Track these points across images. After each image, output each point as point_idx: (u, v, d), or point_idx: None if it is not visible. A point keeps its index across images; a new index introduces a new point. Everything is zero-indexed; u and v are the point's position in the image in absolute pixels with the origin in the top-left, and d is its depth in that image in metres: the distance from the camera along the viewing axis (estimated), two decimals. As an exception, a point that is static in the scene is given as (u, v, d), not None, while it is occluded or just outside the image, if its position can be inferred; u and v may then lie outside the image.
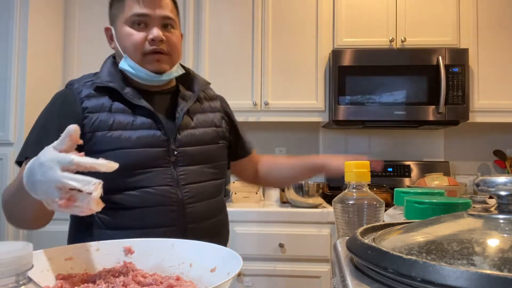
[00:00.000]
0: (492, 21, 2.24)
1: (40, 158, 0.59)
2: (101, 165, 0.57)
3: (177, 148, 0.99)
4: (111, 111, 0.97)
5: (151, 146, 0.96)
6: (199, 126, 1.06)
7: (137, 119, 0.97)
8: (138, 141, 0.95)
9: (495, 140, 2.54)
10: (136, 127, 0.97)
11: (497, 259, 0.29)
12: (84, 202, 0.55)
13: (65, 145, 0.59)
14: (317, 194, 2.05)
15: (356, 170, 0.72)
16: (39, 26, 2.16)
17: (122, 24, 0.99)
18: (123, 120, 0.96)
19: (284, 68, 2.29)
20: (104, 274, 0.56)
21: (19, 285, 0.32)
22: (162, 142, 0.98)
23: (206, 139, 1.06)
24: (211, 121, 1.09)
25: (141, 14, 0.97)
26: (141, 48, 0.98)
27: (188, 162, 1.01)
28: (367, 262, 0.33)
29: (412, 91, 2.16)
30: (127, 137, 0.95)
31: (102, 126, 0.95)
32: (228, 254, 0.58)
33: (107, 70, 1.03)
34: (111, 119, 0.96)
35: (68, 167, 0.57)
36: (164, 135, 0.98)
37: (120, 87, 0.98)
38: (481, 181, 0.35)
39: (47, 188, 0.57)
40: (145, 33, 0.98)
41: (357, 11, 2.28)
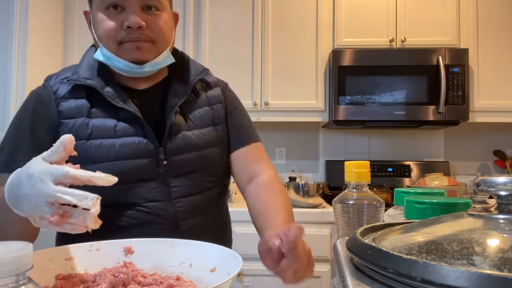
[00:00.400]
0: (492, 21, 2.24)
1: (29, 169, 0.52)
2: (99, 178, 0.51)
3: (168, 157, 0.85)
4: (90, 116, 0.84)
5: (136, 157, 0.83)
6: (195, 127, 0.90)
7: (119, 125, 0.84)
8: (120, 151, 0.82)
9: (495, 140, 2.54)
10: (118, 134, 0.83)
11: (497, 259, 0.29)
12: (80, 219, 0.50)
13: (58, 156, 0.53)
14: (317, 194, 2.05)
15: (356, 170, 0.72)
16: (39, 25, 2.16)
17: (96, 8, 0.84)
18: (103, 126, 0.83)
19: (284, 68, 2.29)
20: (104, 274, 0.56)
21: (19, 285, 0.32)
22: (148, 152, 0.84)
23: (203, 142, 0.90)
24: (209, 118, 0.93)
25: None
26: (116, 36, 0.82)
27: (181, 172, 0.87)
28: (367, 262, 0.33)
29: (412, 91, 2.17)
30: (108, 146, 0.82)
31: (79, 134, 0.82)
32: (228, 254, 0.58)
33: (87, 64, 0.88)
34: (90, 125, 0.83)
35: (62, 180, 0.51)
36: (151, 142, 0.84)
37: (100, 85, 0.84)
38: (481, 181, 0.35)
39: (36, 203, 0.51)
40: (122, 19, 0.82)
41: (357, 11, 2.28)
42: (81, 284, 0.54)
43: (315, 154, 2.59)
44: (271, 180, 0.94)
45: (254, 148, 0.98)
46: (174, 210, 0.85)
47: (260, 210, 0.88)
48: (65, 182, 0.51)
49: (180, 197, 0.86)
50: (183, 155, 0.87)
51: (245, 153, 0.97)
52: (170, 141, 0.86)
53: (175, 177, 0.86)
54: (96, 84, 0.84)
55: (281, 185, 0.96)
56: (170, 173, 0.85)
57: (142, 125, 0.84)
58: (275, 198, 0.89)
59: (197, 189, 0.88)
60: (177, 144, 0.86)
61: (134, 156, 0.83)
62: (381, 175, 2.44)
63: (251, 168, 0.96)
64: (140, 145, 0.83)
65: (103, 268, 0.59)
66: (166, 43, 0.88)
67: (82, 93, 0.85)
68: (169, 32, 0.89)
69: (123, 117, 0.84)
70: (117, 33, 0.82)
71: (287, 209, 0.88)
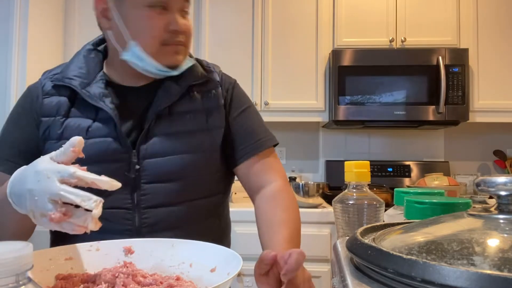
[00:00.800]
0: (492, 21, 2.24)
1: (36, 166, 0.53)
2: (104, 182, 0.51)
3: (140, 161, 0.79)
4: (68, 115, 0.81)
5: (105, 160, 0.77)
6: (180, 130, 0.83)
7: (93, 125, 0.80)
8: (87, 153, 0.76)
9: (495, 140, 2.54)
10: (90, 135, 0.78)
11: (497, 259, 0.29)
12: (81, 219, 0.51)
13: (66, 157, 0.53)
14: (317, 194, 2.05)
15: (356, 170, 0.72)
16: (39, 20, 2.16)
17: (131, 5, 0.78)
18: (77, 126, 0.79)
19: (284, 68, 2.29)
20: (104, 274, 0.56)
21: (19, 285, 0.32)
22: (118, 154, 0.79)
23: (187, 146, 0.82)
24: (201, 122, 0.86)
25: None
26: (160, 37, 0.79)
27: (154, 179, 0.79)
28: (367, 262, 0.32)
29: (412, 91, 2.17)
30: None
31: (52, 134, 0.80)
32: (228, 254, 0.58)
33: (76, 61, 0.85)
34: (64, 125, 0.80)
35: (68, 180, 0.51)
36: (122, 144, 0.79)
37: (83, 84, 0.81)
38: (481, 181, 0.35)
39: (40, 199, 0.51)
40: (166, 20, 0.79)
41: (357, 11, 2.28)
42: (81, 284, 0.54)
43: (315, 154, 2.59)
44: (278, 192, 0.86)
45: (264, 156, 0.89)
46: (139, 221, 0.78)
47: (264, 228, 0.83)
48: (71, 182, 0.51)
49: (149, 207, 0.79)
50: (157, 159, 0.80)
51: (254, 164, 0.88)
52: (145, 144, 0.80)
53: (147, 183, 0.79)
54: (76, 84, 0.81)
55: (289, 195, 0.88)
56: (142, 179, 0.79)
57: (115, 125, 0.79)
58: (279, 214, 0.82)
59: (172, 199, 0.81)
60: (154, 147, 0.80)
61: (102, 159, 0.77)
62: (381, 175, 2.44)
63: (259, 179, 0.89)
64: (110, 146, 0.78)
65: (103, 268, 0.59)
66: (190, 46, 0.87)
67: (66, 91, 0.82)
68: None
69: (101, 117, 0.80)
70: (162, 34, 0.79)
71: (291, 226, 0.81)
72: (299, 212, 0.87)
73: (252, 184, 0.90)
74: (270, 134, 0.93)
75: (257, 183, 0.89)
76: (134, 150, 0.79)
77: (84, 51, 0.87)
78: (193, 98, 0.86)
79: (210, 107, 0.87)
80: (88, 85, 0.81)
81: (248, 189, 0.92)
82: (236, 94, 0.93)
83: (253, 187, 0.90)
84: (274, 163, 0.91)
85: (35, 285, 0.34)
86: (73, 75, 0.82)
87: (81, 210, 0.51)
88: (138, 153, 0.79)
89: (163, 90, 0.84)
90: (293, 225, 0.82)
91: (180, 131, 0.83)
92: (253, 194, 0.90)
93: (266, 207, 0.86)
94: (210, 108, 0.87)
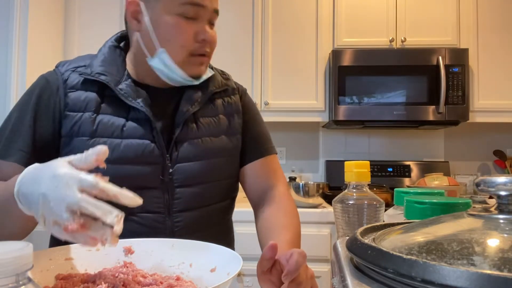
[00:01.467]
0: (492, 21, 2.24)
1: (56, 170, 0.49)
2: (126, 197, 0.48)
3: (173, 165, 0.80)
4: (98, 112, 0.78)
5: (141, 162, 0.77)
6: (206, 135, 0.84)
7: (128, 124, 0.78)
8: (124, 153, 0.76)
9: (495, 140, 2.54)
10: (125, 135, 0.78)
11: (497, 259, 0.29)
12: (99, 233, 0.47)
13: (87, 165, 0.50)
14: (317, 194, 2.05)
15: (356, 170, 0.72)
16: (39, 20, 2.16)
17: (166, 9, 0.77)
18: (111, 124, 0.78)
19: (284, 68, 2.29)
20: (104, 274, 0.56)
21: (19, 285, 0.32)
22: (155, 157, 0.78)
23: (214, 151, 0.85)
24: (224, 127, 0.88)
25: (197, 4, 0.77)
26: (189, 46, 0.79)
27: (186, 182, 0.81)
28: (367, 262, 0.32)
29: (412, 91, 2.17)
30: (112, 146, 0.76)
31: (83, 130, 0.77)
32: (228, 254, 0.58)
33: (103, 57, 0.83)
34: (96, 122, 0.77)
35: (88, 190, 0.48)
36: (158, 147, 0.79)
37: (114, 81, 0.79)
38: (481, 181, 0.35)
39: (55, 206, 0.47)
40: (195, 29, 0.79)
41: (357, 11, 2.28)
42: (81, 284, 0.54)
43: (315, 154, 2.59)
44: (280, 197, 0.90)
45: (268, 161, 0.93)
46: (172, 225, 0.79)
47: (265, 231, 0.84)
48: (91, 193, 0.48)
49: (181, 211, 0.80)
50: (190, 163, 0.81)
51: (259, 166, 0.92)
52: (177, 148, 0.81)
53: (179, 187, 0.80)
54: (109, 80, 0.79)
55: (291, 201, 0.91)
56: (175, 182, 0.80)
57: (152, 128, 0.79)
58: (281, 219, 0.85)
59: (200, 203, 0.83)
60: (185, 151, 0.81)
61: (139, 160, 0.77)
62: (381, 175, 2.44)
63: (262, 183, 0.92)
64: (146, 149, 0.78)
65: (103, 268, 0.59)
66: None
67: (94, 86, 0.80)
68: None
69: (134, 116, 0.79)
70: (191, 44, 0.79)
71: (292, 230, 0.83)
72: (299, 219, 0.89)
73: (255, 187, 0.93)
74: (272, 143, 0.98)
75: (260, 186, 0.92)
76: (167, 154, 0.80)
77: (108, 48, 0.85)
78: (215, 104, 0.88)
79: (231, 113, 0.90)
80: (119, 83, 0.80)
81: (249, 191, 0.94)
82: (247, 101, 0.96)
83: (255, 190, 0.93)
84: (278, 169, 0.95)
85: (35, 285, 0.34)
86: (104, 70, 0.80)
87: (99, 223, 0.47)
88: (171, 156, 0.80)
89: (187, 97, 0.84)
90: (295, 230, 0.84)
91: (206, 135, 0.84)
92: (256, 198, 0.93)
93: (268, 211, 0.88)
94: (231, 113, 0.90)
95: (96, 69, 0.80)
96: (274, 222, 0.85)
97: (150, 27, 0.78)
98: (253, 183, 0.93)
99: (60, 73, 0.81)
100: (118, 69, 0.82)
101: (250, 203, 0.96)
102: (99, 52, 0.85)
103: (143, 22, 0.79)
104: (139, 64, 0.84)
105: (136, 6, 0.80)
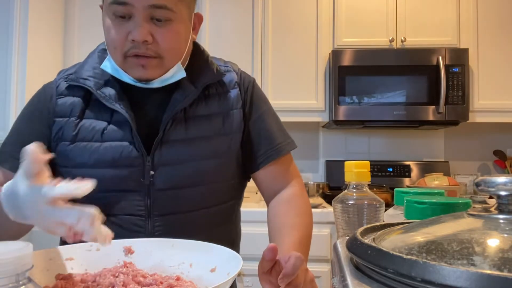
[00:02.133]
0: (492, 21, 2.24)
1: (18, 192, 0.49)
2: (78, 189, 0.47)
3: (155, 167, 0.77)
4: (82, 117, 0.78)
5: (119, 165, 0.76)
6: (195, 136, 0.79)
7: (109, 128, 0.77)
8: (103, 156, 0.75)
9: (495, 140, 2.54)
10: (105, 138, 0.76)
11: (497, 259, 0.29)
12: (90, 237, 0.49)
13: (33, 170, 0.48)
14: (317, 194, 2.05)
15: (356, 170, 0.72)
16: (39, 23, 2.16)
17: (104, 12, 0.76)
18: (92, 128, 0.77)
19: (284, 68, 2.29)
20: (104, 274, 0.56)
21: (19, 285, 0.32)
22: (133, 159, 0.76)
23: (203, 153, 0.80)
24: (218, 125, 0.82)
25: (121, 2, 0.71)
26: (121, 47, 0.74)
27: (167, 185, 0.77)
28: (367, 262, 0.32)
29: (412, 91, 2.17)
30: (92, 150, 0.76)
31: (65, 135, 0.78)
32: (228, 254, 0.58)
33: (92, 61, 0.82)
34: (78, 126, 0.77)
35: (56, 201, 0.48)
36: (137, 149, 0.76)
37: (97, 84, 0.78)
38: (481, 181, 0.35)
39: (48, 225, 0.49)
40: (128, 29, 0.73)
41: (357, 11, 2.28)
42: (81, 284, 0.54)
43: (315, 154, 2.59)
44: (293, 197, 0.87)
45: (279, 163, 0.88)
46: (152, 229, 0.77)
47: (274, 229, 0.83)
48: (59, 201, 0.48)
49: (162, 214, 0.77)
50: (173, 166, 0.77)
51: (273, 167, 0.87)
52: (160, 150, 0.77)
53: (161, 190, 0.77)
54: (91, 85, 0.78)
55: (304, 200, 0.88)
56: (156, 185, 0.77)
57: (131, 129, 0.76)
58: (292, 218, 0.82)
59: (186, 206, 0.79)
60: (168, 153, 0.77)
61: (117, 163, 0.75)
62: (381, 175, 2.44)
63: (277, 183, 0.89)
64: (124, 151, 0.76)
65: (103, 268, 0.59)
66: (176, 57, 0.78)
67: (79, 91, 0.80)
68: (181, 44, 0.78)
69: (116, 119, 0.77)
70: (123, 44, 0.74)
71: (302, 230, 0.81)
72: (312, 218, 0.87)
73: (270, 188, 0.89)
74: (289, 137, 0.92)
75: (274, 187, 0.89)
76: (148, 156, 0.77)
77: (98, 51, 0.84)
78: (209, 101, 0.82)
79: (227, 110, 0.84)
80: (103, 86, 0.78)
81: (264, 193, 0.91)
82: (255, 95, 0.89)
83: (270, 191, 0.90)
84: (292, 168, 0.91)
85: (35, 285, 0.34)
86: (88, 75, 0.80)
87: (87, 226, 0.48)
88: (153, 159, 0.77)
89: (178, 93, 0.79)
90: (305, 230, 0.82)
91: (196, 136, 0.79)
92: (269, 197, 0.90)
93: (279, 210, 0.85)
94: (227, 111, 0.84)
95: (82, 73, 0.80)
96: (284, 222, 0.82)
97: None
98: (268, 185, 0.89)
99: (55, 81, 0.83)
100: (104, 72, 0.80)
101: (266, 202, 0.93)
102: (88, 56, 0.85)
103: None
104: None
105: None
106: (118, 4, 0.72)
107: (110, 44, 0.76)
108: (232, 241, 0.91)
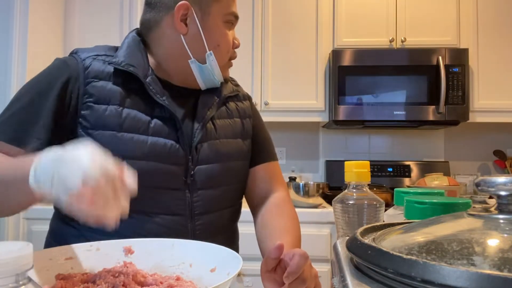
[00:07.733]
0: (492, 21, 2.24)
1: (93, 151, 0.48)
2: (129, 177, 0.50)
3: (195, 166, 0.79)
4: (124, 105, 0.75)
5: (166, 161, 0.76)
6: (224, 136, 0.85)
7: (154, 122, 0.76)
8: (151, 151, 0.74)
9: (495, 140, 2.54)
10: (151, 132, 0.75)
11: (497, 259, 0.29)
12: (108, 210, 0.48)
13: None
14: (317, 194, 2.05)
15: (356, 170, 0.72)
16: (39, 29, 2.16)
17: (219, 17, 0.81)
18: (137, 120, 0.75)
19: (284, 68, 2.29)
20: (104, 274, 0.56)
21: (19, 285, 0.32)
22: (179, 158, 0.77)
23: (232, 153, 0.85)
24: (239, 130, 0.90)
25: (236, 15, 0.85)
26: (230, 52, 0.86)
27: (206, 184, 0.80)
28: (367, 262, 0.32)
29: (412, 91, 2.17)
30: (139, 142, 0.74)
31: (110, 123, 0.73)
32: (228, 254, 0.58)
33: (129, 49, 0.79)
34: (123, 115, 0.74)
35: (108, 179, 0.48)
36: (183, 148, 0.78)
37: (143, 74, 0.76)
38: (481, 181, 0.35)
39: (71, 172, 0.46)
40: (231, 36, 0.86)
41: (357, 11, 2.28)
42: (81, 284, 0.54)
43: (315, 154, 2.59)
44: (281, 202, 0.92)
45: (271, 167, 0.95)
46: (193, 228, 0.78)
47: (267, 233, 0.85)
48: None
49: (201, 213, 0.79)
50: (210, 165, 0.81)
51: (262, 170, 0.94)
52: (197, 150, 0.80)
53: (200, 189, 0.79)
54: (139, 73, 0.76)
55: (291, 206, 0.93)
56: (196, 184, 0.79)
57: (177, 128, 0.78)
58: (283, 222, 0.87)
59: (217, 206, 0.83)
60: (204, 153, 0.81)
61: (166, 160, 0.75)
62: (381, 175, 2.44)
63: (264, 188, 0.93)
64: (171, 149, 0.76)
65: (103, 268, 0.59)
66: None
67: (119, 78, 0.76)
68: None
69: (159, 114, 0.77)
70: (230, 49, 0.85)
71: (295, 234, 0.84)
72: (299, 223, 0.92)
73: (256, 190, 0.94)
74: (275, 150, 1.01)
75: (261, 190, 0.94)
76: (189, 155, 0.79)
77: (133, 40, 0.82)
78: (229, 108, 0.91)
79: (244, 117, 0.93)
80: (146, 77, 0.77)
81: (250, 194, 0.95)
82: (253, 108, 0.99)
83: (257, 193, 0.94)
84: (280, 175, 0.98)
85: (35, 285, 0.34)
86: (131, 62, 0.77)
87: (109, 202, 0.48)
88: (192, 158, 0.79)
89: (203, 100, 0.85)
90: (296, 234, 0.86)
91: (223, 137, 0.85)
92: (257, 201, 0.94)
93: (270, 215, 0.89)
94: (244, 117, 0.93)
95: (123, 59, 0.77)
96: (276, 225, 0.86)
97: (201, 29, 0.80)
98: (255, 186, 0.94)
99: (80, 59, 0.76)
100: (145, 63, 0.79)
101: (249, 204, 0.97)
102: (124, 43, 0.81)
103: (192, 26, 0.80)
104: (170, 63, 0.83)
105: (186, 10, 0.80)
106: (233, 15, 0.83)
107: (225, 47, 0.83)
108: (234, 240, 0.96)
